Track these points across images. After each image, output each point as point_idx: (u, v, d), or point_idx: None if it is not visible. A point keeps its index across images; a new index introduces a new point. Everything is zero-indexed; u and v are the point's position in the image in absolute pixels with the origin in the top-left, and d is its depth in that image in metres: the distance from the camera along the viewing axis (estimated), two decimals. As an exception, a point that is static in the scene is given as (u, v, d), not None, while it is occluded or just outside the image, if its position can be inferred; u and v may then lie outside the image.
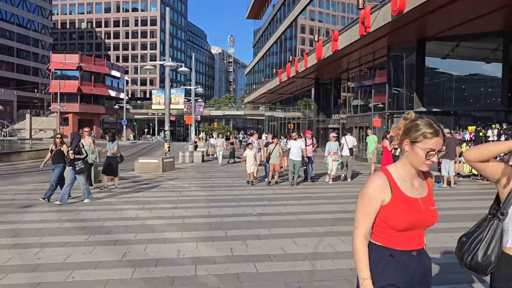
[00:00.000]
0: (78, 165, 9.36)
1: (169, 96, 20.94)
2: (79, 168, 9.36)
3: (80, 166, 9.38)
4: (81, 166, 9.40)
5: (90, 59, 77.87)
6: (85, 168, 9.62)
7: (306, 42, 55.81)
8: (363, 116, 25.53)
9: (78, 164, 9.36)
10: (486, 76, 21.07)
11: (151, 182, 13.87)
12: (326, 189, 12.23)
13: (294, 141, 12.98)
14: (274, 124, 57.29)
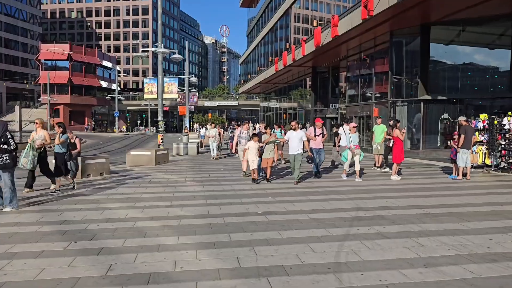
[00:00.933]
0: (2, 159, 7.59)
1: (162, 84, 19.91)
2: (3, 162, 7.60)
3: (5, 161, 7.60)
4: (6, 160, 7.60)
5: (80, 49, 76.19)
6: (12, 164, 7.73)
7: (301, 31, 54.79)
8: (363, 105, 24.64)
9: (2, 158, 7.59)
10: (493, 62, 20.21)
11: (144, 176, 12.91)
12: (334, 182, 11.34)
13: (294, 131, 11.08)
14: (269, 114, 56.33)
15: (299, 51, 30.57)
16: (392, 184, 10.85)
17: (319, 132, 12.18)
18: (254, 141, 11.46)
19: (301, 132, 11.18)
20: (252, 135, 12.08)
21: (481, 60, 20.32)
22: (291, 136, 11.04)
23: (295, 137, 10.97)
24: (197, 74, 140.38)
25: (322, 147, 12.21)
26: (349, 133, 12.09)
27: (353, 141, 11.82)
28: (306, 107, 39.80)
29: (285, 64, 34.94)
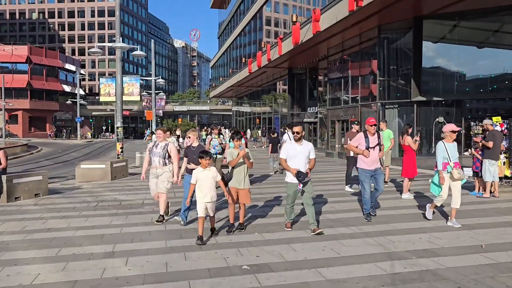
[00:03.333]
0: None
1: (121, 85, 17.17)
2: None
3: None
4: None
5: (41, 51, 71.67)
6: None
7: (272, 35, 52.90)
8: (347, 108, 22.53)
9: None
10: (493, 60, 18.40)
11: (91, 197, 10.18)
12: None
13: (296, 143, 6.49)
14: (242, 119, 53.97)
15: (275, 50, 28.31)
16: (410, 207, 8.55)
17: (373, 141, 7.33)
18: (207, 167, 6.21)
19: (309, 145, 6.52)
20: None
21: (479, 57, 18.49)
22: (292, 151, 6.43)
23: (301, 153, 6.40)
24: (167, 78, 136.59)
25: (379, 166, 7.42)
26: (443, 145, 6.80)
27: (452, 154, 6.77)
28: (281, 111, 37.59)
29: (260, 65, 32.63)
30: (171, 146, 7.41)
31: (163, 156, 7.31)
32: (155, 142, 7.51)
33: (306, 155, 6.41)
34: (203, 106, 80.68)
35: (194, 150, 7.14)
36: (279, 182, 12.60)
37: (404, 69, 19.37)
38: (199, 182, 6.07)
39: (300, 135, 6.43)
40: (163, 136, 7.46)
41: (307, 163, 6.44)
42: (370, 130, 7.40)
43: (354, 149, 7.58)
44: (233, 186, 6.53)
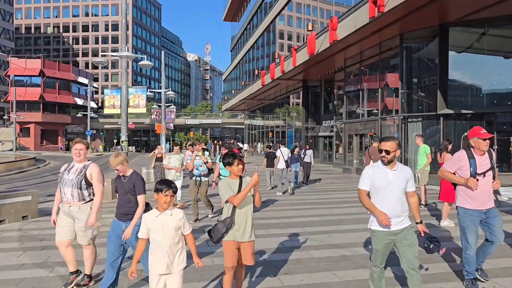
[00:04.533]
0: None
1: (126, 96, 16.15)
2: None
3: None
4: None
5: (54, 65, 71.88)
6: None
7: (285, 48, 52.00)
8: (366, 121, 21.22)
9: None
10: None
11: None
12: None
13: (380, 166, 4.04)
14: (254, 133, 52.89)
15: (289, 61, 27.23)
16: (455, 238, 7.22)
17: (484, 164, 4.78)
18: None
19: (407, 172, 4.08)
20: None
21: (508, 68, 17.11)
22: (380, 181, 3.99)
23: (394, 183, 3.99)
24: (180, 91, 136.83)
25: (492, 204, 4.85)
26: None
27: None
28: (296, 124, 36.37)
29: (273, 77, 31.56)
30: (92, 169, 4.82)
31: (77, 186, 4.74)
32: (68, 165, 5.01)
33: (402, 186, 3.95)
34: (215, 119, 79.88)
35: (124, 183, 4.67)
36: (289, 202, 11.34)
37: (428, 80, 18.07)
38: (152, 235, 3.56)
39: (392, 155, 3.90)
40: (83, 154, 4.86)
41: (404, 201, 4.00)
42: (481, 146, 4.68)
43: (451, 177, 4.89)
44: (232, 239, 4.10)
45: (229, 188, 4.11)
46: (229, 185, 4.14)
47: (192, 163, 8.95)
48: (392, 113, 19.25)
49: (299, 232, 7.69)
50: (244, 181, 4.19)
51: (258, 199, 4.22)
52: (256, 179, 4.05)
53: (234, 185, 4.15)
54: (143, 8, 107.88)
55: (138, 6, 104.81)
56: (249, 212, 4.19)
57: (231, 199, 4.03)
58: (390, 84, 19.86)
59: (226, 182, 4.18)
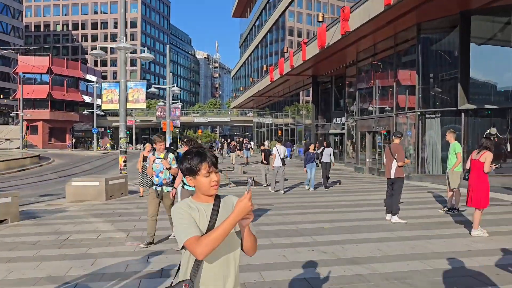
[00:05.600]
0: None
1: (124, 91, 15.24)
2: None
3: None
4: None
5: (62, 62, 71.54)
6: None
7: (294, 45, 51.00)
8: (380, 118, 20.06)
9: None
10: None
11: (67, 225, 8.09)
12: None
13: None
14: (263, 130, 51.85)
15: (298, 56, 26.13)
16: (489, 252, 6.11)
17: None
18: None
19: None
20: None
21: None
22: None
23: None
24: (189, 89, 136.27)
25: None
26: None
27: None
28: (305, 122, 35.25)
29: (282, 73, 30.48)
30: None
31: None
32: None
33: None
34: (224, 117, 78.92)
35: None
36: (297, 205, 10.29)
37: (447, 73, 16.87)
38: None
39: None
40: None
41: None
42: None
43: None
44: None
45: (190, 219, 2.03)
46: (192, 212, 2.06)
47: (150, 167, 6.79)
48: (407, 109, 18.07)
49: (307, 242, 6.65)
50: (223, 206, 2.13)
51: (252, 242, 2.14)
52: (247, 206, 1.94)
53: (202, 213, 2.08)
54: (152, 5, 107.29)
55: (147, 3, 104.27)
56: (231, 267, 2.14)
57: (193, 244, 1.94)
58: (406, 78, 18.69)
59: (185, 206, 2.08)
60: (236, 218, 1.95)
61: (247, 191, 1.96)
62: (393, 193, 8.39)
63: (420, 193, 12.95)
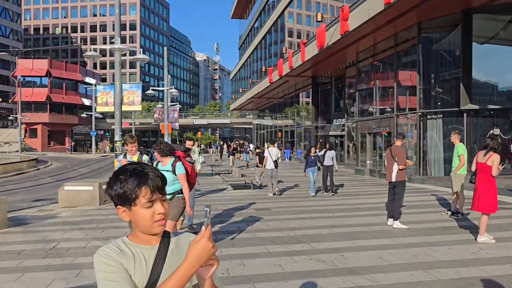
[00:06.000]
0: None
1: (120, 93, 14.96)
2: None
3: None
4: None
5: (61, 65, 71.30)
6: None
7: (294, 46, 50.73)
8: (381, 119, 19.75)
9: None
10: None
11: (56, 232, 7.76)
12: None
13: None
14: (263, 132, 51.57)
15: (297, 57, 25.84)
16: (496, 261, 5.77)
17: None
18: None
19: None
20: None
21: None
22: None
23: None
24: (188, 91, 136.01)
25: None
26: None
27: None
28: (305, 124, 34.93)
29: (281, 74, 30.19)
30: None
31: None
32: None
33: None
34: (224, 119, 78.66)
35: None
36: (295, 209, 9.96)
37: (449, 73, 16.58)
38: None
39: None
40: None
41: None
42: None
43: None
44: None
45: (121, 273, 1.40)
46: (125, 261, 1.43)
47: None
48: (408, 109, 17.75)
49: (304, 250, 6.32)
50: (174, 250, 1.52)
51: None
52: (206, 248, 1.35)
53: (140, 261, 1.46)
54: (151, 7, 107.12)
55: (146, 5, 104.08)
56: None
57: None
58: (407, 78, 18.38)
59: (114, 252, 1.43)
60: (191, 268, 1.34)
61: (205, 226, 1.36)
62: (395, 197, 8.07)
63: (422, 196, 12.62)
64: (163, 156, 5.72)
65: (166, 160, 5.76)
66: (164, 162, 5.78)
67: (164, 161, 5.78)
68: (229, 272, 5.28)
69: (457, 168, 8.66)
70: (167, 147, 5.76)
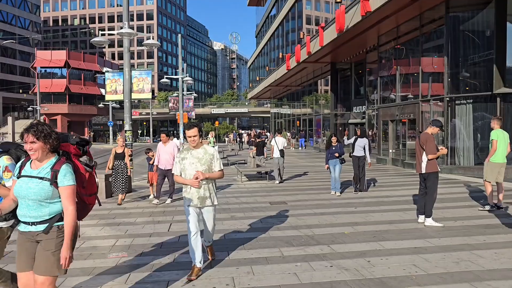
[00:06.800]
0: None
1: (129, 80, 14.28)
2: None
3: None
4: None
5: (79, 56, 71.52)
6: None
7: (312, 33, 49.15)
8: (404, 105, 18.62)
9: None
10: None
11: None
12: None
13: None
14: (281, 121, 50.62)
15: (315, 41, 24.75)
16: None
17: None
18: None
19: None
20: None
21: None
22: None
23: None
24: (206, 81, 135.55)
25: None
26: None
27: None
28: (324, 112, 33.83)
29: (298, 60, 29.13)
30: None
31: None
32: None
33: None
34: (241, 108, 77.90)
35: None
36: (313, 204, 9.11)
37: (479, 55, 15.33)
38: None
39: None
40: None
41: None
42: None
43: None
44: None
45: None
46: None
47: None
48: (434, 95, 16.59)
49: (324, 254, 5.49)
50: None
51: None
52: None
53: None
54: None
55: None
56: None
57: None
58: (433, 62, 17.19)
59: None
60: None
61: None
62: (427, 191, 7.14)
63: (453, 187, 11.62)
64: None
65: (42, 158, 3.16)
66: (37, 162, 3.18)
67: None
68: (235, 283, 4.50)
69: (489, 155, 7.74)
70: (52, 134, 3.16)
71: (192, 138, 4.69)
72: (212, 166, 4.77)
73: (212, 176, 4.76)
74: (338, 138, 11.29)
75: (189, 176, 4.68)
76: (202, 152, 4.77)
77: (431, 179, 7.14)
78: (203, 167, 4.69)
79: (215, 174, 4.79)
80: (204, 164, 4.71)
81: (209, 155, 4.79)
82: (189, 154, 4.78)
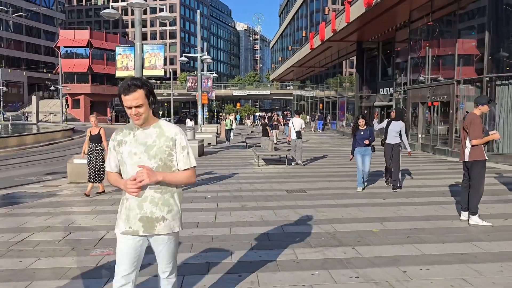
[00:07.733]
0: None
1: (140, 55, 13.33)
2: None
3: None
4: None
5: (101, 36, 71.29)
6: None
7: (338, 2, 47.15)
8: (437, 86, 17.17)
9: None
10: None
11: (42, 216, 6.33)
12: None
13: None
14: (304, 103, 49.28)
15: (341, 18, 23.29)
16: None
17: None
18: None
19: None
20: None
21: None
22: None
23: None
24: (229, 62, 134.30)
25: None
26: None
27: None
28: (348, 95, 32.38)
29: (323, 39, 27.69)
30: None
31: None
32: None
33: None
34: (263, 90, 76.54)
35: None
36: (336, 193, 8.07)
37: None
38: None
39: None
40: None
41: None
42: None
43: None
44: None
45: None
46: None
47: None
48: (472, 75, 15.13)
49: (348, 259, 4.49)
50: None
51: None
52: None
53: None
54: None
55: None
56: None
57: None
58: (471, 39, 15.66)
59: None
60: None
61: None
62: (471, 184, 6.01)
63: (494, 178, 10.37)
64: None
65: None
66: None
67: None
68: (234, 299, 3.56)
69: None
70: None
71: (134, 110, 2.54)
72: (172, 161, 2.64)
73: (171, 178, 2.61)
74: (367, 120, 8.90)
75: (128, 174, 2.60)
76: (154, 134, 2.63)
77: (476, 169, 5.98)
78: (153, 160, 2.58)
79: (178, 176, 2.64)
80: (155, 156, 2.58)
81: (166, 140, 2.62)
82: (130, 135, 2.66)
